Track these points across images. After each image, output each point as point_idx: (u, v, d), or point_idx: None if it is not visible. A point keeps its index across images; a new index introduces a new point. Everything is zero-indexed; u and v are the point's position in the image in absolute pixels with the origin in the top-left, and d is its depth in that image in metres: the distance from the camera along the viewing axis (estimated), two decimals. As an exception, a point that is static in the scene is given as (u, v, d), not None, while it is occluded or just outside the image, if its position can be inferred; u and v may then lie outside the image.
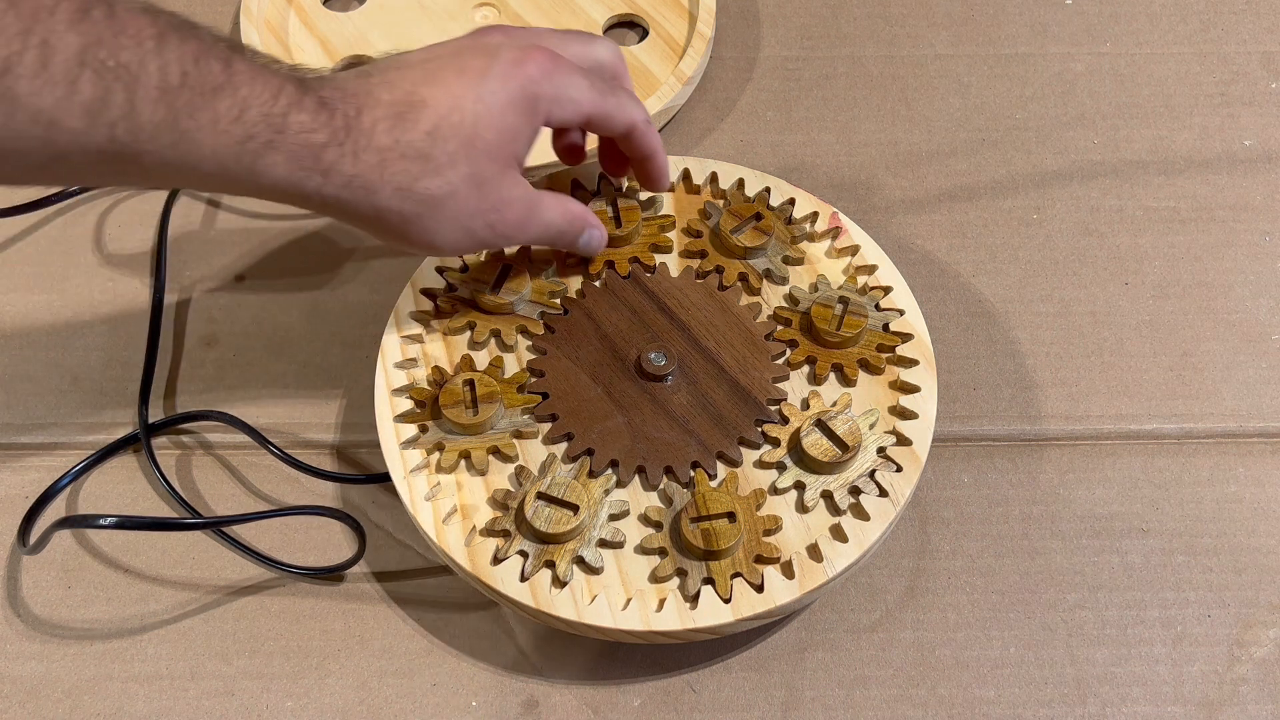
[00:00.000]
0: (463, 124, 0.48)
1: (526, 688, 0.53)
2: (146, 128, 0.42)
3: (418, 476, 0.52)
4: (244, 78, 0.44)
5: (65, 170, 0.42)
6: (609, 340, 0.56)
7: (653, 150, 0.55)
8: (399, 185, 0.47)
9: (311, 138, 0.45)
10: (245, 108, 0.44)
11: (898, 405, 0.53)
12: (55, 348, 0.62)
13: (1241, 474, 0.58)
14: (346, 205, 0.47)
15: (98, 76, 0.40)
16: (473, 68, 0.49)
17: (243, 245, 0.66)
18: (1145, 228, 0.66)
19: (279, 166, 0.45)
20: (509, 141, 0.49)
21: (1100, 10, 0.74)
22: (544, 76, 0.49)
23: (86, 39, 0.40)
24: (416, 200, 0.48)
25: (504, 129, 0.49)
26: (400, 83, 0.48)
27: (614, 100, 0.52)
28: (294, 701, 0.52)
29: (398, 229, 0.49)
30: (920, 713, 0.52)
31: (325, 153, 0.46)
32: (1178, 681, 0.52)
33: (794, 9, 0.74)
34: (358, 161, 0.46)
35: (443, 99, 0.48)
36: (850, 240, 0.58)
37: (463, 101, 0.48)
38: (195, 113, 0.43)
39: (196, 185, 0.46)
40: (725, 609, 0.48)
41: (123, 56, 0.41)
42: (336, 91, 0.47)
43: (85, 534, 0.57)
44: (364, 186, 0.47)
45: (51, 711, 0.52)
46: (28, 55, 0.39)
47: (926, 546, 0.56)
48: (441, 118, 0.48)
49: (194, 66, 0.43)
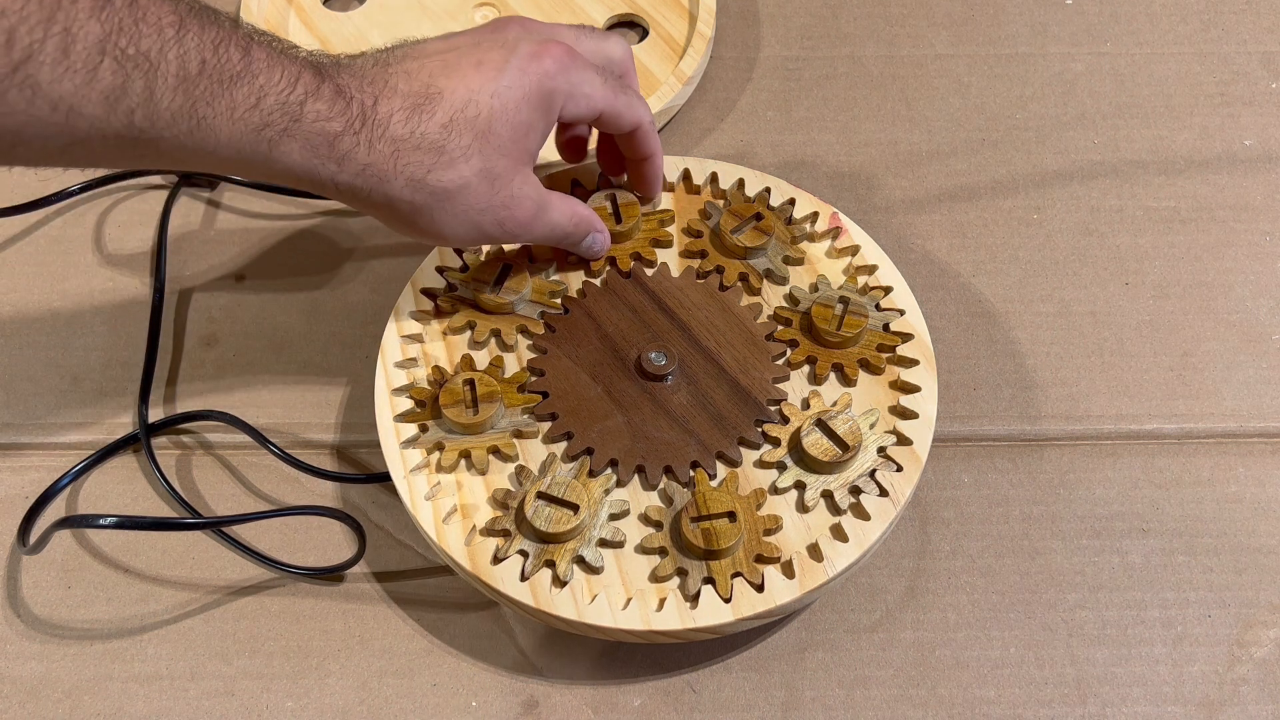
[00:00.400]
0: (478, 118, 0.48)
1: (526, 688, 0.53)
2: (164, 115, 0.42)
3: (418, 476, 0.52)
4: (262, 65, 0.44)
5: (84, 154, 0.43)
6: (609, 340, 0.56)
7: (653, 152, 0.56)
8: (411, 176, 0.48)
9: (327, 126, 0.46)
10: (262, 95, 0.44)
11: (898, 405, 0.53)
12: (55, 348, 0.62)
13: (1241, 474, 0.58)
14: (359, 192, 0.48)
15: (118, 65, 0.40)
16: (490, 61, 0.49)
17: (243, 245, 0.66)
18: (1145, 228, 0.66)
19: (294, 154, 0.46)
20: (523, 137, 0.49)
21: (1100, 10, 0.74)
22: (560, 71, 0.50)
23: (107, 27, 0.40)
24: (428, 192, 0.48)
25: (518, 124, 0.49)
26: (418, 73, 0.48)
27: (625, 98, 0.52)
28: (294, 701, 0.52)
29: (407, 218, 0.49)
30: (920, 713, 0.52)
31: (340, 141, 0.46)
32: (1178, 681, 0.52)
33: (794, 9, 0.74)
34: (372, 151, 0.47)
35: (459, 91, 0.48)
36: (850, 240, 0.58)
37: (479, 95, 0.48)
38: (213, 101, 0.43)
39: (213, 169, 0.46)
40: (725, 609, 0.48)
41: (143, 45, 0.41)
42: (354, 79, 0.47)
43: (85, 534, 0.57)
44: (377, 176, 0.47)
45: (51, 711, 0.52)
46: (49, 43, 0.39)
47: (926, 546, 0.56)
48: (457, 110, 0.48)
49: (213, 54, 0.43)
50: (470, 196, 0.49)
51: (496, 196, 0.50)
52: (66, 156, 0.43)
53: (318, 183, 0.47)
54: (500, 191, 0.50)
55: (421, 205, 0.49)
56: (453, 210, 0.49)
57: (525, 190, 0.51)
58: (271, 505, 0.57)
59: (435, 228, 0.50)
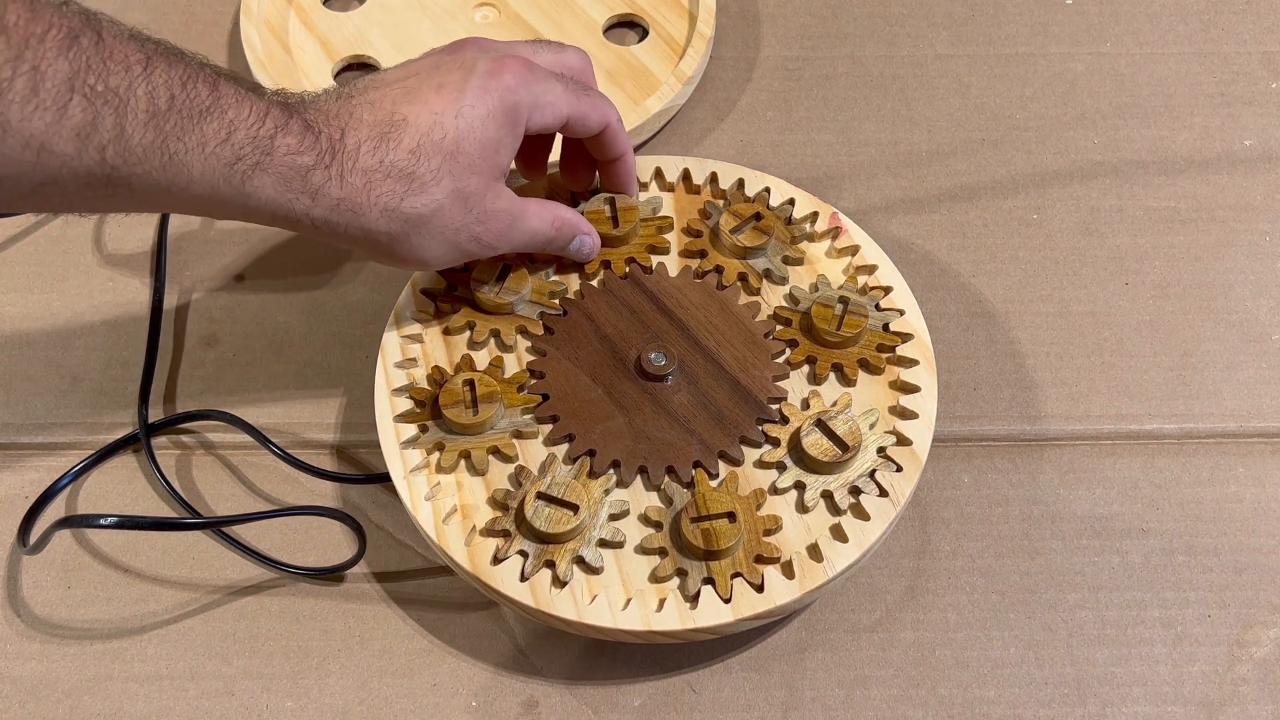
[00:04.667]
0: (445, 140, 0.48)
1: (526, 687, 0.53)
2: (136, 150, 0.42)
3: (418, 476, 0.52)
4: (230, 100, 0.45)
5: (57, 195, 0.43)
6: (609, 341, 0.56)
7: (624, 150, 0.56)
8: (386, 206, 0.48)
9: (298, 160, 0.46)
10: (233, 130, 0.44)
11: (898, 405, 0.53)
12: (55, 348, 0.62)
13: (1241, 474, 0.58)
14: (335, 227, 0.48)
15: (87, 101, 0.41)
16: (450, 83, 0.49)
17: (243, 245, 0.66)
18: (1145, 228, 0.66)
19: (267, 189, 0.46)
20: (491, 154, 0.50)
21: (1100, 10, 0.74)
22: (521, 84, 0.50)
23: (75, 65, 0.40)
24: (403, 220, 0.49)
25: (485, 142, 0.49)
26: (381, 102, 0.49)
27: (589, 100, 0.53)
28: (294, 701, 0.52)
29: (385, 248, 0.50)
30: (920, 713, 0.52)
31: (312, 175, 0.46)
32: (1178, 681, 0.52)
33: (794, 9, 0.74)
34: (344, 184, 0.47)
35: (424, 116, 0.48)
36: (850, 240, 0.58)
37: (443, 118, 0.48)
38: (184, 135, 0.43)
39: (187, 208, 0.46)
40: (725, 609, 0.48)
41: (111, 81, 0.41)
42: (320, 114, 0.48)
43: (85, 534, 0.57)
44: (351, 209, 0.48)
45: (51, 711, 0.52)
46: (18, 81, 0.39)
47: (926, 546, 0.56)
48: (423, 135, 0.48)
49: (181, 90, 0.43)
50: (445, 218, 0.49)
51: (471, 214, 0.50)
52: (39, 198, 0.43)
53: (292, 219, 0.47)
54: (474, 209, 0.50)
55: (399, 234, 0.49)
56: (429, 234, 0.49)
57: (499, 205, 0.51)
58: (271, 505, 0.57)
59: (415, 254, 0.50)
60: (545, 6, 0.72)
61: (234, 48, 0.72)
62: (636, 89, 0.69)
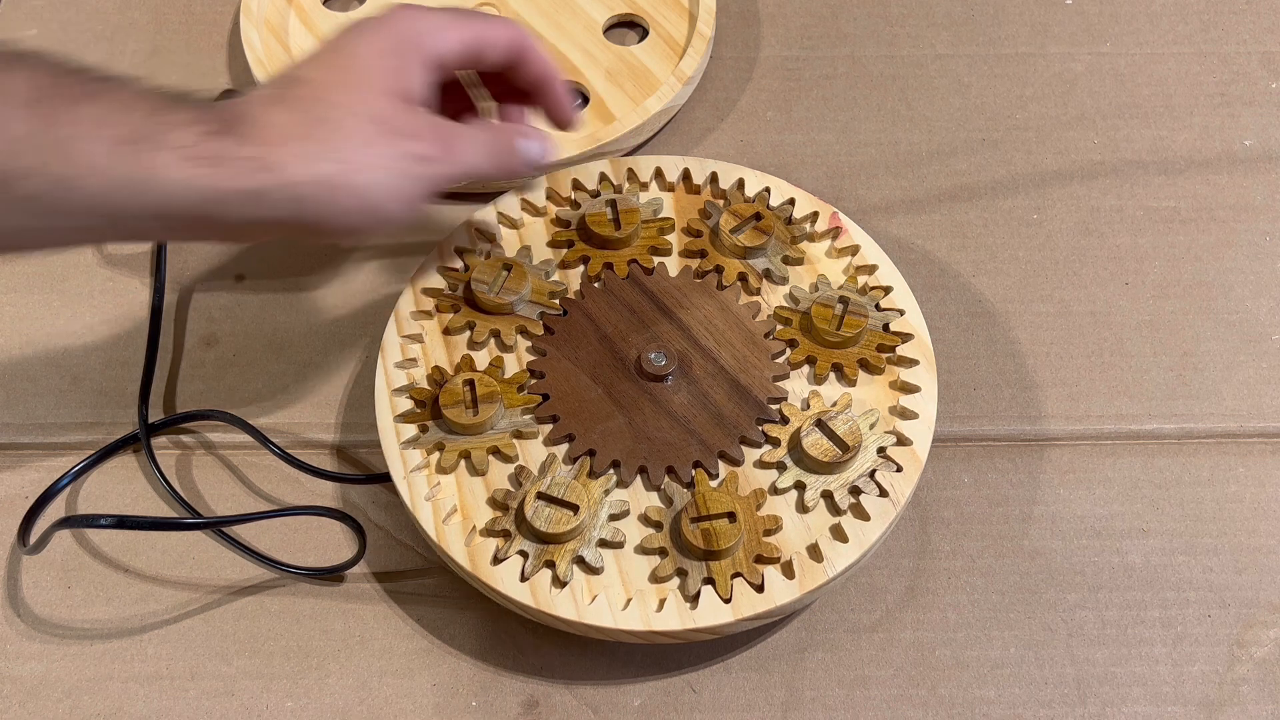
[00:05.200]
0: (345, 80, 0.48)
1: (526, 688, 0.53)
2: (23, 139, 0.41)
3: (418, 476, 0.52)
4: (117, 85, 0.44)
5: None
6: (609, 340, 0.56)
7: (547, 70, 0.53)
8: (304, 153, 0.45)
9: (199, 128, 0.44)
10: (127, 110, 0.43)
11: (898, 405, 0.53)
12: (55, 348, 0.62)
13: (1241, 474, 0.58)
14: (262, 198, 0.45)
15: None
16: (338, 41, 0.50)
17: (243, 245, 0.66)
18: (1145, 228, 0.66)
19: (173, 167, 0.43)
20: (395, 78, 0.49)
21: (1100, 10, 0.74)
22: (407, 19, 0.50)
23: None
24: (331, 161, 0.46)
25: (386, 69, 0.49)
26: (277, 76, 0.49)
27: (487, 23, 0.52)
28: (294, 701, 0.52)
29: (328, 203, 0.46)
30: (920, 713, 0.52)
31: (219, 142, 0.44)
32: (1178, 681, 0.52)
33: (794, 9, 0.74)
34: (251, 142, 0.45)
35: (319, 71, 0.49)
36: (850, 240, 0.58)
37: (336, 63, 0.49)
38: (71, 118, 0.42)
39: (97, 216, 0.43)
40: (725, 609, 0.48)
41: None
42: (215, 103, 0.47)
43: (85, 534, 0.57)
44: (268, 167, 0.45)
45: (51, 711, 0.52)
46: None
47: (926, 546, 0.56)
48: (322, 82, 0.48)
49: (64, 76, 0.43)
50: (370, 147, 0.47)
51: (395, 132, 0.48)
52: None
53: (211, 199, 0.44)
54: (396, 126, 0.48)
55: (336, 180, 0.46)
56: (364, 168, 0.46)
57: (420, 119, 0.49)
58: (271, 505, 0.57)
59: (363, 195, 0.47)
60: (545, 6, 0.72)
61: (234, 48, 0.72)
62: (636, 89, 0.69)
